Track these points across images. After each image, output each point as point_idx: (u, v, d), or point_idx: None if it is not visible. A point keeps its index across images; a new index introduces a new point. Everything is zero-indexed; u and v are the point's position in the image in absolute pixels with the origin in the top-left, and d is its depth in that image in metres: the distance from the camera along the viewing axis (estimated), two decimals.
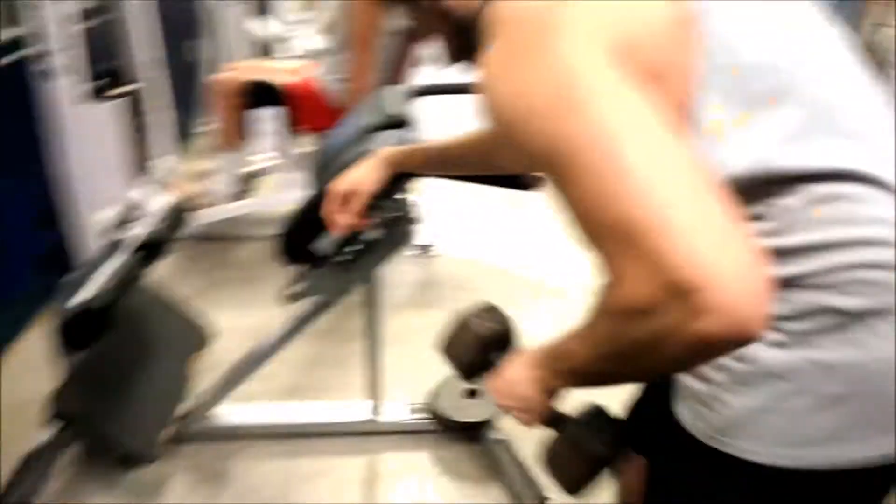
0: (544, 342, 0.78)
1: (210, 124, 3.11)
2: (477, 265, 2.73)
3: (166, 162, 2.55)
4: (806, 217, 0.59)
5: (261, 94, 2.47)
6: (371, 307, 1.66)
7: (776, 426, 0.62)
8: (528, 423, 0.81)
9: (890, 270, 0.58)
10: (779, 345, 0.60)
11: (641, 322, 0.52)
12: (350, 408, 1.85)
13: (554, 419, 0.81)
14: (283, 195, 2.66)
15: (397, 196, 1.42)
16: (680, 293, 0.48)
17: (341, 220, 1.19)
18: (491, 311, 0.93)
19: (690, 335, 0.50)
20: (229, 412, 1.78)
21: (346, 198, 1.17)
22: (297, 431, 1.81)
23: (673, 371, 0.67)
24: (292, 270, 1.62)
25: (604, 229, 0.54)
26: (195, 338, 1.71)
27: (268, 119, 2.76)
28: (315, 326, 1.67)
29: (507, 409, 0.82)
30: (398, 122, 1.43)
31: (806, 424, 0.61)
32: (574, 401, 0.82)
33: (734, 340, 0.51)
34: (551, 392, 0.77)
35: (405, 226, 1.49)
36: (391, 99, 1.52)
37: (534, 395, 0.77)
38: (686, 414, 0.69)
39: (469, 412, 1.79)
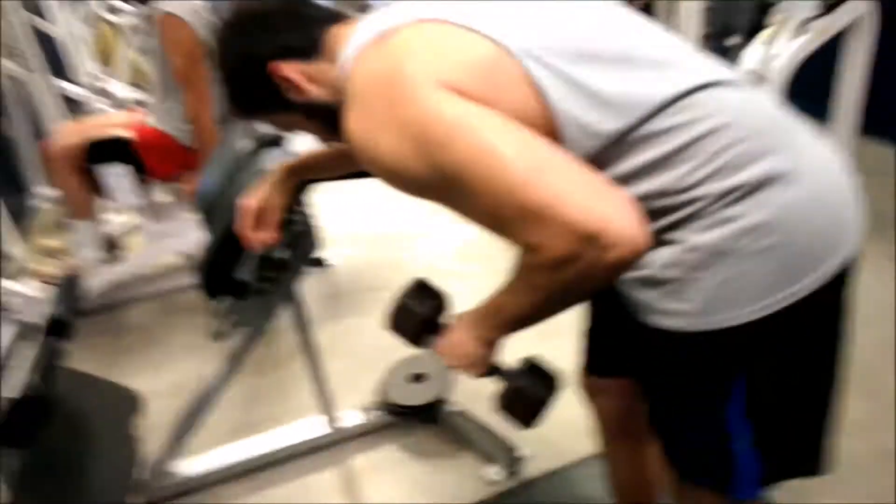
0: (475, 305, 0.92)
1: (51, 196, 2.89)
2: (375, 265, 2.79)
3: (14, 249, 2.36)
4: (672, 125, 0.74)
5: (103, 151, 2.34)
6: (301, 323, 1.67)
7: (740, 289, 0.75)
8: (476, 376, 0.93)
9: (742, 144, 0.73)
10: (709, 228, 0.74)
11: (569, 269, 0.69)
12: (305, 427, 1.85)
13: (496, 370, 0.95)
14: (155, 249, 2.56)
15: (300, 208, 1.46)
16: (590, 239, 0.66)
17: (259, 236, 1.20)
18: (423, 287, 1.04)
19: (606, 265, 0.68)
20: (187, 465, 1.73)
21: (260, 214, 1.19)
22: (261, 464, 1.78)
23: (593, 293, 0.79)
24: (213, 309, 1.61)
25: (512, 218, 0.70)
26: (128, 402, 1.64)
27: (114, 176, 2.62)
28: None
29: (456, 368, 0.94)
30: (275, 140, 1.46)
31: (761, 278, 0.75)
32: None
33: (635, 257, 0.69)
34: (491, 345, 0.91)
35: (311, 237, 1.53)
36: None
37: (477, 351, 0.90)
38: (662, 319, 0.80)
39: (420, 395, 1.87)
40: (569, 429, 1.82)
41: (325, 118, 0.90)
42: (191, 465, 1.74)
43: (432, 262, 2.76)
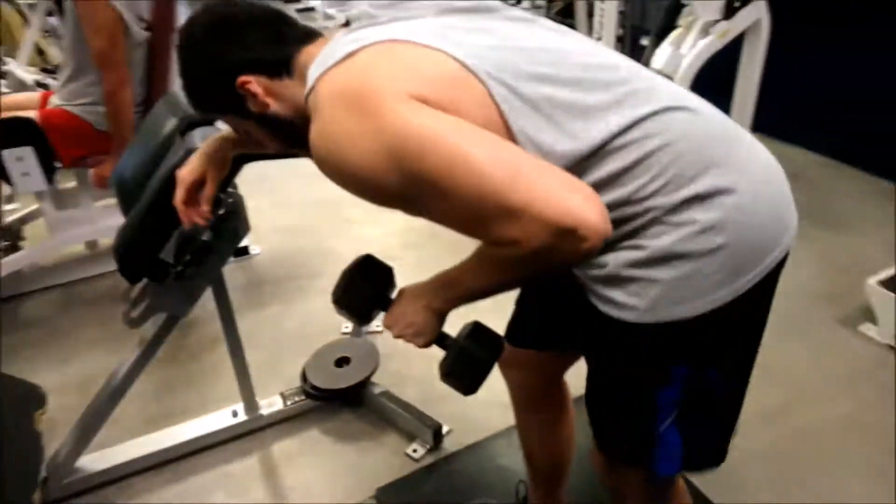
0: (427, 279, 0.95)
1: None
2: (295, 254, 2.76)
3: None
4: (624, 142, 0.79)
5: (3, 133, 2.19)
6: (224, 308, 1.64)
7: (693, 286, 0.80)
8: (422, 345, 0.96)
9: (688, 157, 0.79)
10: (665, 232, 0.79)
11: (544, 258, 0.74)
12: (225, 415, 1.82)
13: (442, 338, 0.97)
14: (58, 238, 2.43)
15: (230, 189, 1.43)
16: (568, 233, 0.71)
17: (196, 211, 1.14)
18: (369, 262, 1.05)
19: (579, 254, 0.73)
20: (98, 459, 1.67)
21: (193, 187, 1.13)
22: (179, 454, 1.74)
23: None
24: (127, 295, 1.55)
25: (490, 217, 0.73)
26: (31, 397, 1.56)
27: (15, 159, 2.46)
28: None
29: (402, 338, 0.96)
30: (207, 120, 1.42)
31: (711, 274, 0.80)
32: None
33: (601, 245, 0.74)
34: (441, 315, 0.94)
35: (240, 220, 1.50)
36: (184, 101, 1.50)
37: (426, 321, 0.93)
38: (614, 310, 0.85)
39: (343, 379, 1.87)
40: (488, 402, 1.89)
41: (278, 130, 0.94)
42: (102, 459, 1.68)
43: (354, 251, 2.75)
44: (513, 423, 1.76)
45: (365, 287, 1.02)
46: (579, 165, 0.79)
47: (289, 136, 0.94)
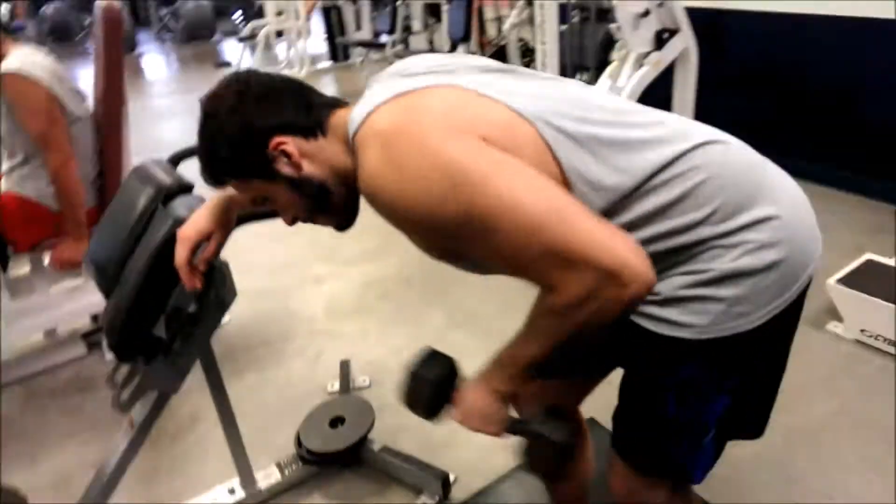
0: (484, 365, 0.94)
1: None
2: (261, 319, 2.69)
3: None
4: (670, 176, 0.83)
5: None
6: (213, 379, 1.58)
7: (751, 300, 0.84)
8: (495, 433, 0.95)
9: (730, 190, 0.83)
10: (721, 255, 0.83)
11: (589, 306, 0.76)
12: (222, 493, 1.73)
13: (514, 424, 0.96)
14: (14, 329, 2.30)
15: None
16: (612, 276, 0.73)
17: (197, 273, 1.12)
18: (432, 356, 1.03)
19: (623, 301, 0.75)
20: None
21: (186, 241, 1.10)
22: None
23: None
24: (111, 377, 1.48)
25: (537, 256, 0.76)
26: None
27: None
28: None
29: (477, 430, 0.95)
30: (185, 188, 1.40)
31: (765, 288, 0.84)
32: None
33: (647, 294, 0.77)
34: (506, 399, 0.93)
35: (225, 288, 1.47)
36: (159, 171, 1.48)
37: (493, 407, 0.93)
38: (668, 329, 0.87)
39: (340, 440, 1.82)
40: (489, 446, 1.87)
41: (308, 192, 0.93)
42: None
43: (327, 308, 2.72)
44: (517, 464, 1.76)
45: (427, 380, 0.99)
46: (627, 199, 0.82)
47: (318, 197, 0.94)
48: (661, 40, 2.93)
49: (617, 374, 1.08)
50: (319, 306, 2.73)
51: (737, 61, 3.48)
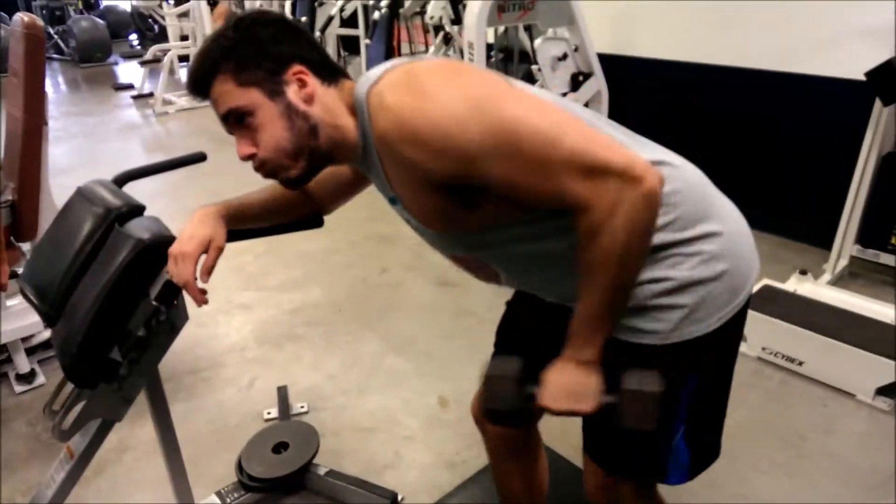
0: (567, 345, 0.92)
1: None
2: (182, 348, 2.59)
3: None
4: None
5: None
6: (158, 407, 1.52)
7: (706, 306, 0.94)
8: (590, 408, 0.92)
9: (691, 203, 0.94)
10: (679, 264, 0.93)
11: (622, 209, 0.80)
12: None
13: (605, 393, 0.93)
14: None
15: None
16: (626, 174, 0.80)
17: (193, 281, 1.09)
18: (502, 358, 0.98)
19: (646, 194, 0.80)
20: None
21: (189, 256, 1.08)
22: None
23: (646, 253, 0.87)
24: (49, 407, 1.39)
25: (558, 172, 0.81)
26: None
27: None
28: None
29: (567, 412, 0.93)
30: (137, 209, 1.37)
31: (717, 296, 0.94)
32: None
33: (661, 187, 0.82)
34: (595, 368, 0.92)
35: (177, 310, 1.44)
36: (106, 192, 1.43)
37: (584, 380, 0.92)
38: (634, 336, 0.95)
39: (286, 464, 1.79)
40: (432, 464, 1.91)
41: (299, 125, 0.93)
42: None
43: (255, 335, 2.67)
44: (461, 481, 1.81)
45: (508, 377, 0.94)
46: None
47: (306, 136, 0.93)
48: (576, 82, 3.15)
49: None
50: (249, 333, 2.67)
51: (644, 102, 3.79)
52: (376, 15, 4.26)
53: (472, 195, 0.89)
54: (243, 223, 1.16)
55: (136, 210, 1.37)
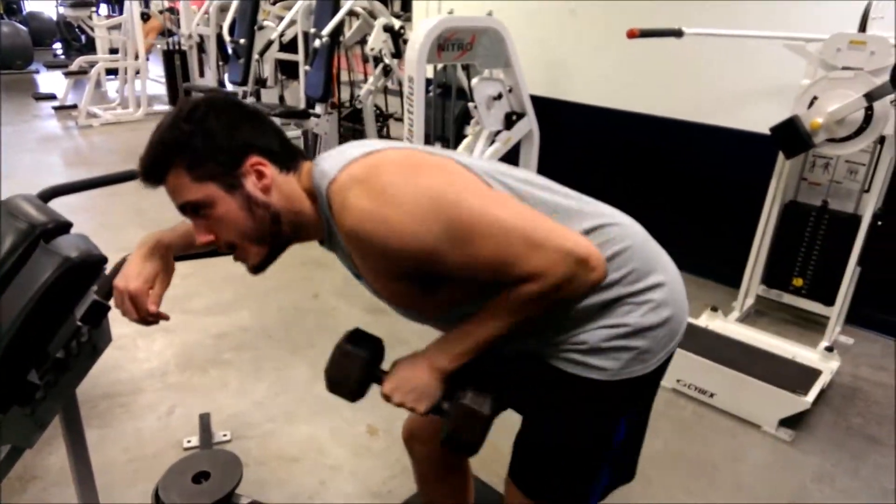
0: (432, 343, 1.01)
1: None
2: (98, 372, 2.48)
3: None
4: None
5: None
6: (73, 433, 1.46)
7: (650, 349, 1.00)
8: (424, 410, 1.00)
9: (638, 259, 1.00)
10: (631, 312, 0.99)
11: (565, 289, 0.90)
12: None
13: (440, 402, 1.00)
14: None
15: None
16: (582, 262, 0.88)
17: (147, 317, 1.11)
18: (359, 335, 1.06)
19: (589, 284, 0.90)
20: None
21: (139, 296, 1.08)
22: None
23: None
24: None
25: (516, 253, 0.88)
26: None
27: None
28: None
29: (403, 405, 1.00)
30: (64, 226, 1.33)
31: (660, 339, 1.01)
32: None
33: (604, 277, 0.93)
34: (443, 375, 0.99)
35: (100, 332, 1.40)
36: (30, 207, 1.38)
37: (429, 383, 0.99)
38: (584, 371, 1.00)
39: (206, 495, 1.74)
40: (356, 493, 1.90)
41: (259, 215, 0.95)
42: None
43: (181, 358, 2.58)
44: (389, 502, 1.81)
45: (358, 356, 1.01)
46: None
47: (268, 225, 0.96)
48: (510, 121, 3.28)
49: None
50: (171, 358, 2.58)
51: (573, 144, 3.97)
52: (317, 43, 4.29)
53: (433, 280, 0.95)
54: (188, 251, 1.16)
55: (63, 227, 1.33)
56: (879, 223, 2.44)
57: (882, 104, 2.17)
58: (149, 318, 1.11)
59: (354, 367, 1.01)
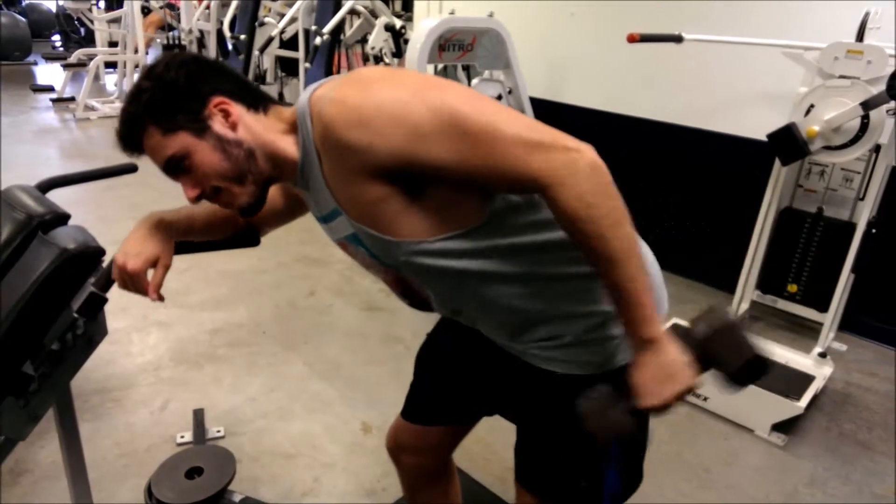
0: (631, 344, 0.89)
1: None
2: (91, 366, 2.48)
3: None
4: None
5: None
6: (67, 426, 1.46)
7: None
8: (691, 384, 0.88)
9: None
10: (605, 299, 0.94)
11: (580, 178, 0.80)
12: None
13: (697, 358, 0.88)
14: None
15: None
16: (574, 149, 0.82)
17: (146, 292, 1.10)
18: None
19: (591, 160, 0.81)
20: None
21: (137, 276, 1.07)
22: None
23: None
24: None
25: (506, 147, 0.82)
26: None
27: None
28: None
29: (671, 399, 0.87)
30: (62, 217, 1.33)
31: None
32: None
33: (599, 159, 0.83)
34: (670, 340, 0.87)
35: (96, 324, 1.40)
36: (28, 198, 1.38)
37: (670, 349, 0.87)
38: (571, 368, 0.99)
39: (199, 490, 1.73)
40: (350, 492, 1.90)
41: (233, 154, 0.94)
42: None
43: (174, 354, 2.58)
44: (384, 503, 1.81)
45: (605, 404, 0.91)
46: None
47: (244, 161, 0.94)
48: None
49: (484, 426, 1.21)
50: (165, 352, 2.58)
51: None
52: (318, 40, 4.29)
53: (416, 183, 0.88)
54: (188, 236, 1.15)
55: (61, 218, 1.33)
56: (874, 231, 2.46)
57: (878, 113, 2.18)
58: (147, 293, 1.10)
59: (609, 413, 0.91)
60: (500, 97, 3.20)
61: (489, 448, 1.09)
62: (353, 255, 1.06)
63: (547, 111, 3.63)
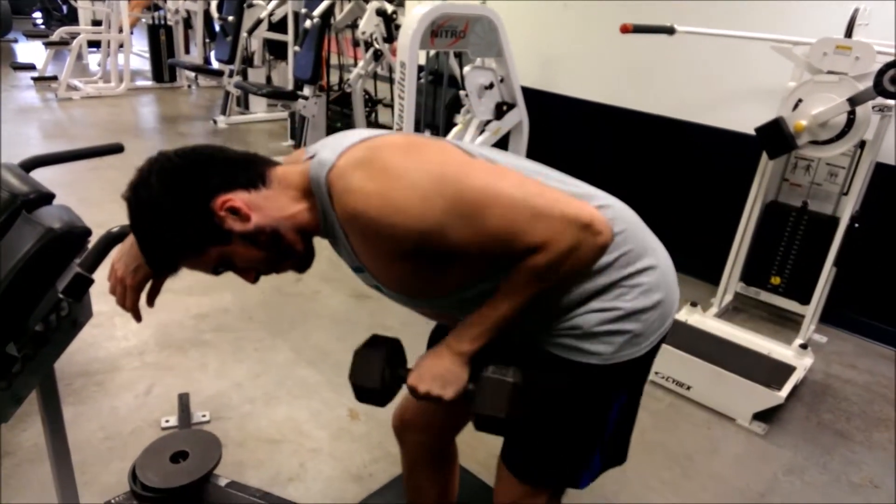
0: (451, 332, 1.00)
1: None
2: (74, 350, 2.45)
3: None
4: None
5: None
6: (50, 409, 1.44)
7: (642, 332, 1.01)
8: (452, 395, 0.99)
9: (632, 242, 1.01)
10: (622, 295, 0.99)
11: (573, 256, 0.89)
12: None
13: (465, 386, 0.99)
14: None
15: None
16: (587, 227, 0.88)
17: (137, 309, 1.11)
18: (378, 339, 1.07)
19: (597, 248, 0.91)
20: None
21: (134, 289, 1.09)
22: None
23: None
24: None
25: (521, 224, 0.87)
26: None
27: None
28: None
29: (430, 394, 0.99)
30: (46, 197, 1.31)
31: (652, 323, 1.02)
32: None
33: (611, 240, 0.93)
34: (467, 359, 0.99)
35: (80, 306, 1.38)
36: (12, 176, 1.36)
37: (452, 368, 0.98)
38: (578, 356, 1.01)
39: (184, 474, 1.73)
40: (337, 477, 1.91)
41: (265, 241, 0.93)
42: None
43: (159, 337, 2.56)
44: (367, 495, 1.82)
45: (377, 357, 1.01)
46: None
47: (276, 244, 0.94)
48: (500, 111, 3.27)
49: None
50: (150, 337, 2.56)
51: (561, 136, 3.98)
52: (308, 24, 4.24)
53: (437, 260, 0.94)
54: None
55: (46, 198, 1.31)
56: (856, 225, 2.49)
57: (864, 109, 2.21)
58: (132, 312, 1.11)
59: (376, 368, 1.01)
60: (491, 85, 3.20)
61: (479, 438, 1.11)
62: (385, 295, 1.10)
63: (538, 101, 3.63)
